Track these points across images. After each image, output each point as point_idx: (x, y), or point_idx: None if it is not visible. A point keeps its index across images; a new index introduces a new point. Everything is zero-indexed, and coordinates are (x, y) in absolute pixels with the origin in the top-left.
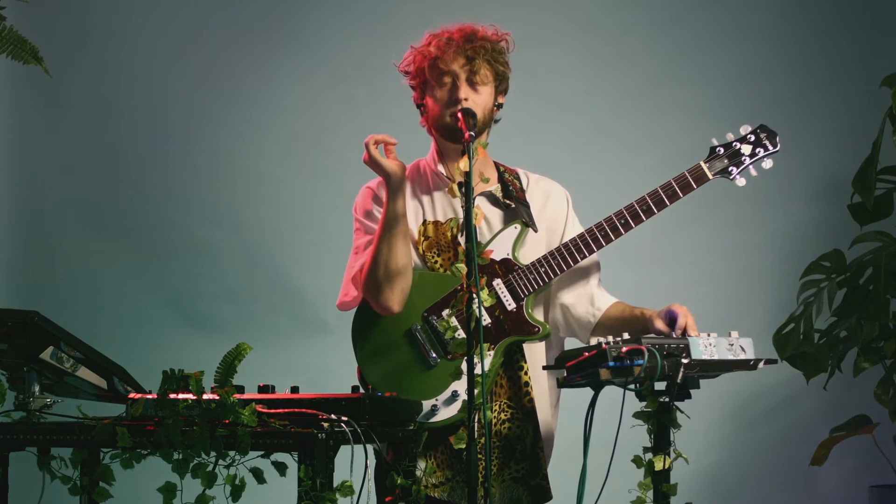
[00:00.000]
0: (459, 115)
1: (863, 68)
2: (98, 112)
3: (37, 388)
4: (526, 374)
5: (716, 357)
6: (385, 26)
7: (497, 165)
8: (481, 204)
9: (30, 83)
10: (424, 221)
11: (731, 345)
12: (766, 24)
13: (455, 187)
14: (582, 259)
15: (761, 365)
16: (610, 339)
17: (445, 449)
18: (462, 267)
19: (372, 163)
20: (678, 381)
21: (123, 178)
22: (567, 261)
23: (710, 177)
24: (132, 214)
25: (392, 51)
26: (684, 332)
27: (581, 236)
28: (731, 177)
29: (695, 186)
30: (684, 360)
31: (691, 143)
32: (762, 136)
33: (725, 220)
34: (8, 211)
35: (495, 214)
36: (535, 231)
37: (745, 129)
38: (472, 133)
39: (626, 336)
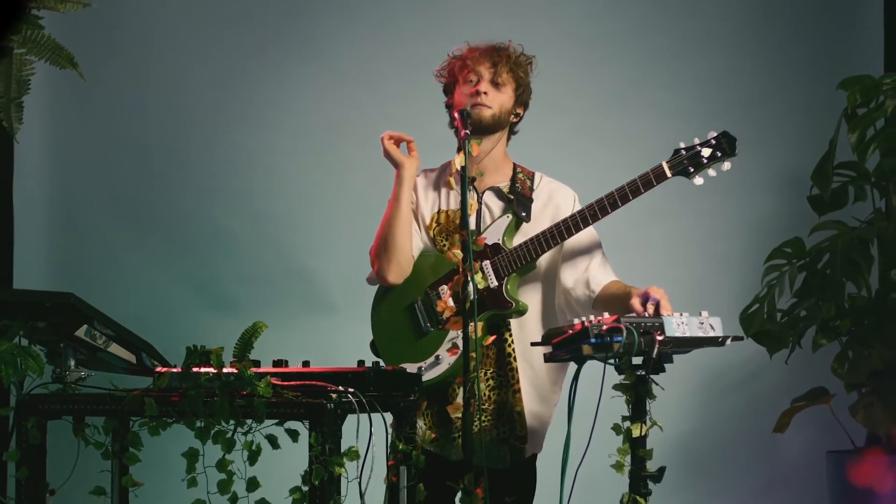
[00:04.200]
0: (456, 114)
1: (820, 73)
2: (126, 112)
3: (72, 363)
4: (510, 346)
5: (687, 334)
6: (387, 34)
7: (515, 166)
8: (488, 197)
9: (66, 85)
10: (438, 210)
11: (702, 323)
12: (733, 34)
13: (451, 180)
14: (555, 246)
15: (729, 342)
16: (592, 317)
17: (433, 407)
18: (458, 252)
19: (387, 155)
20: (653, 356)
21: (149, 172)
22: (543, 247)
23: (669, 175)
24: (157, 205)
25: (394, 56)
26: (657, 311)
27: (556, 226)
28: (690, 176)
29: (655, 184)
30: (659, 337)
31: (666, 140)
32: (723, 141)
33: (697, 211)
34: (46, 203)
35: (498, 206)
36: (527, 221)
37: (710, 135)
38: (468, 131)
39: (605, 315)
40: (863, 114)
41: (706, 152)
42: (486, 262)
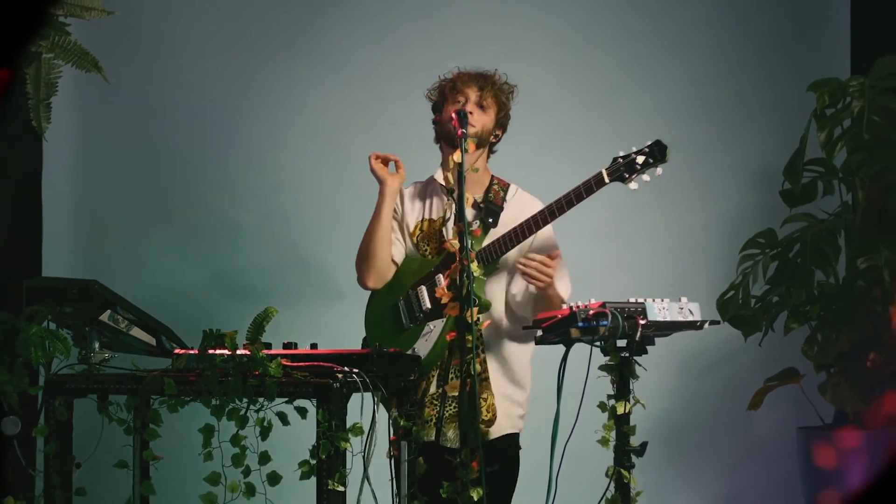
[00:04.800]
0: (453, 114)
1: (791, 76)
2: (147, 112)
3: (97, 345)
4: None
5: (668, 319)
6: (390, 40)
7: (492, 178)
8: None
9: (90, 87)
10: (422, 219)
11: (682, 308)
12: (709, 38)
13: (449, 175)
14: (509, 250)
15: (706, 325)
16: (579, 303)
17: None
18: (455, 243)
19: (372, 171)
20: (636, 338)
21: (168, 168)
22: (502, 249)
23: (607, 181)
24: (176, 198)
25: (396, 60)
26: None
27: (513, 230)
28: (626, 181)
29: (595, 189)
30: (642, 322)
31: (646, 138)
32: (655, 149)
33: (676, 204)
34: (72, 197)
35: (470, 214)
36: (494, 227)
37: (646, 143)
38: (465, 130)
39: (592, 300)
40: (831, 114)
41: (640, 159)
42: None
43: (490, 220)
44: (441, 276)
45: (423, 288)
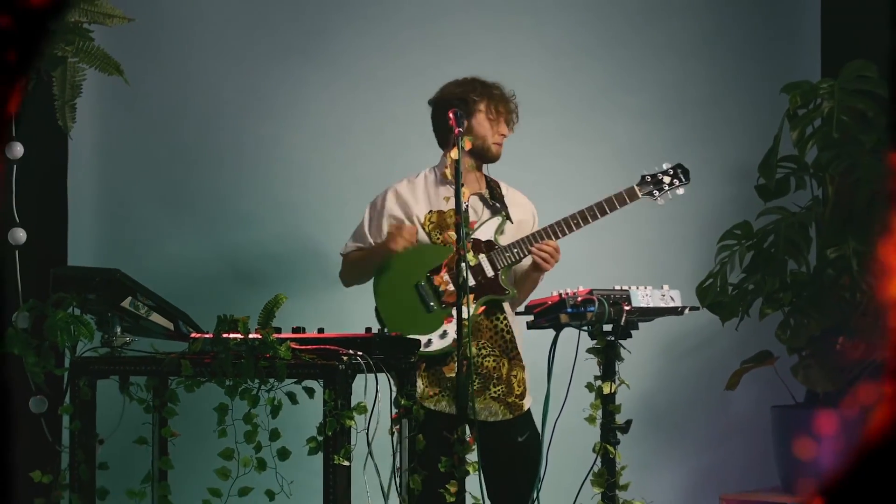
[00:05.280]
0: (451, 114)
1: (766, 79)
2: (166, 111)
3: (118, 330)
4: (504, 322)
5: (651, 305)
6: (392, 45)
7: (487, 178)
8: (474, 201)
9: (113, 89)
10: (431, 211)
11: (664, 295)
12: (690, 43)
13: (447, 171)
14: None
15: (687, 311)
16: (568, 290)
17: (436, 371)
18: (453, 234)
19: (391, 239)
20: (621, 323)
21: (186, 164)
22: (530, 247)
23: (640, 197)
24: (192, 192)
25: (397, 64)
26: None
27: (543, 230)
28: (655, 199)
29: (628, 202)
30: (626, 308)
31: (633, 139)
32: (679, 171)
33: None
34: (95, 191)
35: (480, 208)
36: (512, 222)
37: (666, 165)
38: (461, 129)
39: (580, 288)
40: (802, 114)
41: (666, 179)
42: (482, 255)
43: (502, 210)
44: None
45: (445, 273)
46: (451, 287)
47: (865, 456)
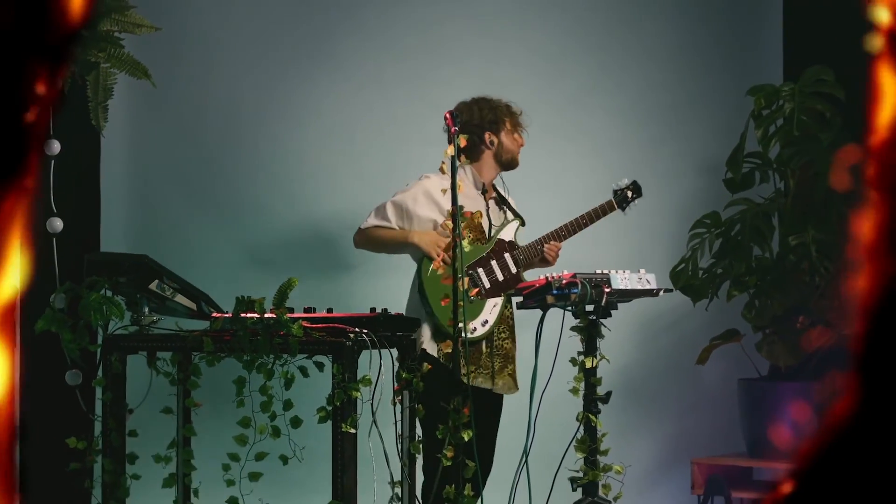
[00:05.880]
0: (447, 115)
1: (733, 82)
2: (189, 111)
3: (146, 310)
4: (510, 308)
5: (629, 287)
6: (394, 52)
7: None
8: (492, 206)
9: (141, 91)
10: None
11: (640, 278)
12: (664, 50)
13: (444, 166)
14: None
15: (661, 293)
16: (553, 274)
17: (472, 351)
18: (449, 223)
19: (428, 248)
20: (602, 304)
21: (208, 159)
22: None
23: (616, 209)
24: (213, 186)
25: (399, 68)
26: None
27: (553, 233)
28: (623, 210)
29: (607, 214)
30: (607, 290)
31: (611, 136)
32: (634, 187)
33: None
34: (125, 183)
35: (501, 213)
36: (524, 226)
37: (626, 181)
38: (457, 128)
39: (564, 272)
40: (766, 114)
41: (629, 195)
42: (507, 255)
43: (508, 212)
44: (494, 261)
45: (481, 270)
46: (486, 283)
47: (830, 444)
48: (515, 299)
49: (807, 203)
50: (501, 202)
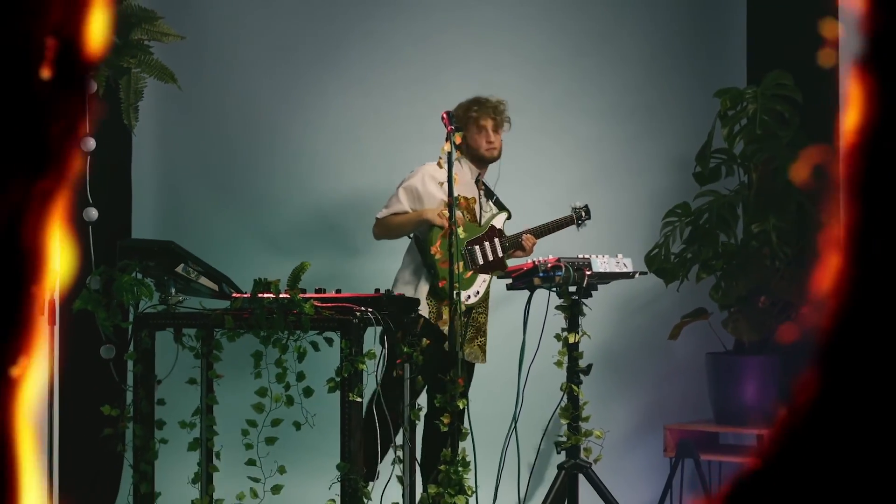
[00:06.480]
0: (444, 114)
1: (702, 85)
2: (211, 113)
3: (173, 290)
4: (488, 286)
5: (608, 270)
6: (397, 58)
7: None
8: (483, 195)
9: (168, 94)
10: (458, 196)
11: (618, 262)
12: (639, 56)
13: (442, 161)
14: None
15: (637, 275)
16: (540, 258)
17: (472, 323)
18: (445, 213)
19: (434, 219)
20: (584, 285)
21: (229, 155)
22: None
23: (576, 223)
24: (233, 178)
25: (401, 74)
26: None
27: (532, 230)
28: (579, 227)
29: (567, 226)
30: (588, 272)
31: (592, 134)
32: (587, 209)
33: (615, 183)
34: (154, 177)
35: (489, 203)
36: (511, 218)
37: (579, 203)
38: (453, 127)
39: (549, 256)
40: (731, 115)
41: (583, 215)
42: (496, 240)
43: (493, 204)
44: (487, 242)
45: (478, 248)
46: (480, 259)
47: (793, 432)
48: (505, 281)
49: (768, 194)
50: (489, 195)
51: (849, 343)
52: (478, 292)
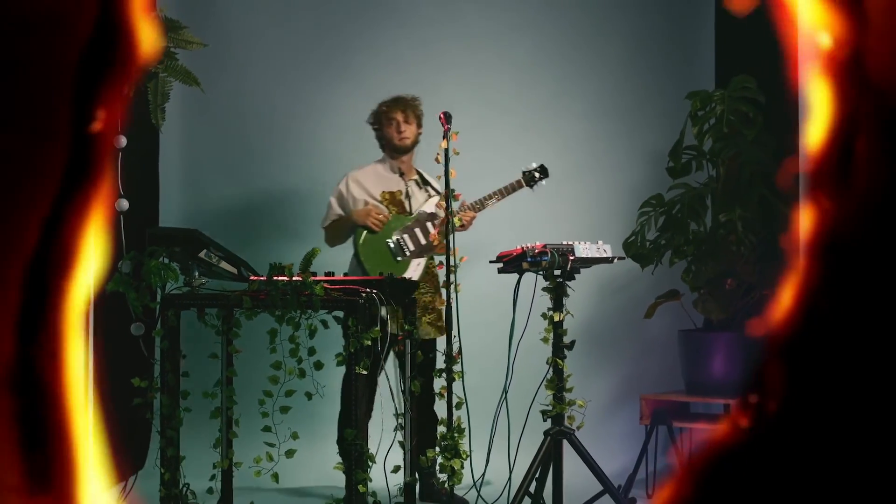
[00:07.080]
0: (441, 115)
1: (674, 88)
2: (231, 113)
3: (196, 274)
4: (434, 266)
5: (590, 255)
6: (396, 64)
7: (415, 169)
8: (412, 185)
9: (192, 96)
10: (383, 192)
11: (599, 248)
12: (617, 61)
13: (439, 157)
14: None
15: (616, 260)
16: (527, 244)
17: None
18: (443, 203)
19: (367, 217)
20: (568, 269)
21: (246, 151)
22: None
23: (524, 186)
24: (251, 172)
25: (400, 78)
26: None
27: (470, 204)
28: (531, 188)
29: (518, 190)
30: (571, 257)
31: (576, 132)
32: (542, 169)
33: (597, 176)
34: (180, 171)
35: (417, 190)
36: (446, 205)
37: (534, 164)
38: (449, 126)
39: (536, 243)
40: (701, 115)
41: (536, 175)
42: (429, 223)
43: (431, 190)
44: (418, 228)
45: (407, 236)
46: (410, 246)
47: (758, 432)
48: (497, 266)
49: (734, 187)
50: (424, 183)
51: (813, 346)
52: (410, 278)
